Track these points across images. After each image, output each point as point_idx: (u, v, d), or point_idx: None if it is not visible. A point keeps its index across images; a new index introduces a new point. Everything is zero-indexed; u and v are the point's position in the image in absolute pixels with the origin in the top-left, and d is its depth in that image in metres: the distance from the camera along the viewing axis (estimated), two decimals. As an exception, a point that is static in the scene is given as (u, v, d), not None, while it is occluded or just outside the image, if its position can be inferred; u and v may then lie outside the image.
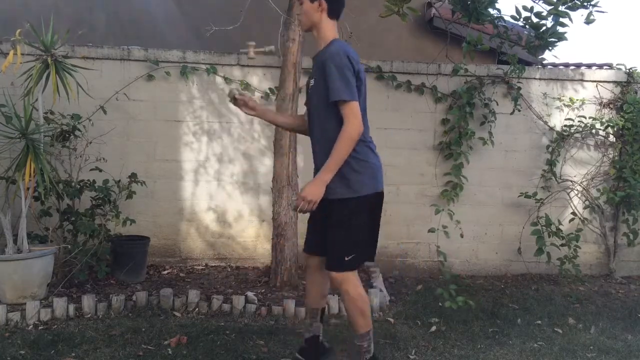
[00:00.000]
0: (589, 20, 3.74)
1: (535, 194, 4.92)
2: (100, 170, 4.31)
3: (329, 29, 2.57)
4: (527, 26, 3.94)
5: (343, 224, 2.52)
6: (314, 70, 2.57)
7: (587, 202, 5.14)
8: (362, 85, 2.52)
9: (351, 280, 2.55)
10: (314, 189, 2.40)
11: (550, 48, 3.94)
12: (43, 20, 3.86)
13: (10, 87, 4.32)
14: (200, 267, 4.83)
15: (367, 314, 2.60)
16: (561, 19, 3.77)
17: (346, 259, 2.52)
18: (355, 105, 2.39)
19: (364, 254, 2.62)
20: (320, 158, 2.55)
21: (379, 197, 2.61)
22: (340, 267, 2.54)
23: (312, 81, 2.60)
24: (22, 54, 3.93)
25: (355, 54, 2.51)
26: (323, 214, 2.57)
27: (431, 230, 4.47)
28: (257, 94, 4.85)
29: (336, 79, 2.38)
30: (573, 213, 5.09)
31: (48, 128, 3.97)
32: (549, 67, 5.32)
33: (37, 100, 3.86)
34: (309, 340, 2.81)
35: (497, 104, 5.00)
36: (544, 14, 3.81)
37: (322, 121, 2.54)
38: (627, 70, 5.15)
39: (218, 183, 4.89)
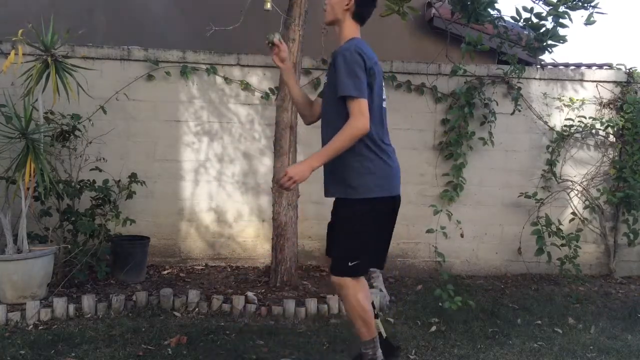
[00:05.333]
0: (589, 21, 3.74)
1: (535, 194, 4.92)
2: (100, 170, 4.31)
3: (351, 30, 2.49)
4: (527, 27, 3.94)
5: (346, 226, 2.45)
6: (329, 67, 2.50)
7: (587, 202, 5.14)
8: (376, 84, 2.42)
9: (350, 286, 2.43)
10: (300, 168, 2.30)
11: (549, 50, 3.94)
12: (43, 20, 3.86)
13: (10, 87, 4.32)
14: (200, 267, 4.83)
15: (369, 321, 2.48)
16: (561, 20, 3.76)
17: (349, 264, 2.41)
18: (362, 103, 2.29)
19: (370, 262, 2.52)
20: None
21: (390, 202, 2.49)
22: (341, 272, 2.44)
23: (325, 78, 2.53)
24: (23, 54, 3.93)
25: (371, 52, 2.42)
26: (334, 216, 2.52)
27: (429, 231, 4.47)
28: (257, 94, 4.85)
29: (344, 75, 2.30)
30: (573, 213, 5.09)
31: (48, 128, 3.97)
32: (549, 67, 5.32)
33: (37, 100, 3.85)
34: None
35: (497, 104, 5.00)
36: (544, 14, 3.81)
37: (332, 120, 2.44)
38: (627, 70, 5.15)
39: (218, 183, 4.89)
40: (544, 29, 3.85)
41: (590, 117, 5.06)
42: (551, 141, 5.10)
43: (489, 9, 4.01)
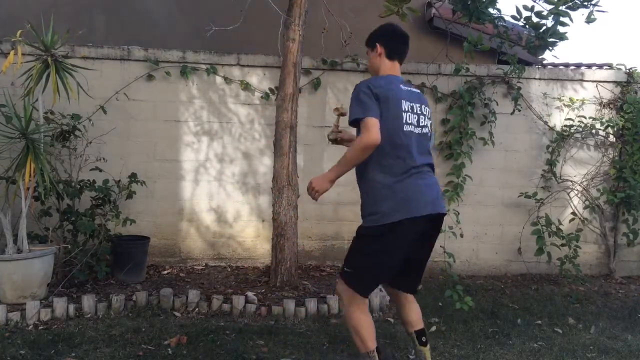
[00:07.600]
0: (590, 20, 3.74)
1: (535, 194, 4.92)
2: (100, 170, 4.31)
3: (386, 70, 2.68)
4: (527, 26, 3.94)
5: (355, 240, 2.62)
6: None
7: (587, 202, 5.14)
8: (390, 105, 2.49)
9: (347, 297, 2.56)
10: (319, 181, 2.53)
11: (550, 48, 3.95)
12: (43, 20, 3.85)
13: (10, 87, 4.32)
14: (200, 267, 4.83)
15: (363, 336, 2.52)
16: (562, 19, 3.77)
17: (345, 269, 2.58)
18: (368, 121, 2.39)
19: (365, 280, 2.56)
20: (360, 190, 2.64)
21: (412, 224, 2.46)
22: (341, 274, 2.64)
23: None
24: (23, 54, 3.93)
25: (385, 82, 2.55)
26: None
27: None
28: (257, 94, 4.85)
29: (352, 105, 2.48)
30: (573, 213, 5.09)
31: (48, 128, 3.97)
32: (549, 67, 5.32)
33: (37, 100, 3.85)
34: None
35: (497, 104, 5.00)
36: (545, 13, 3.81)
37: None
38: (627, 70, 5.15)
39: (218, 183, 4.89)
40: (544, 27, 3.85)
41: (590, 117, 5.06)
42: (551, 141, 5.10)
43: (489, 8, 4.01)
